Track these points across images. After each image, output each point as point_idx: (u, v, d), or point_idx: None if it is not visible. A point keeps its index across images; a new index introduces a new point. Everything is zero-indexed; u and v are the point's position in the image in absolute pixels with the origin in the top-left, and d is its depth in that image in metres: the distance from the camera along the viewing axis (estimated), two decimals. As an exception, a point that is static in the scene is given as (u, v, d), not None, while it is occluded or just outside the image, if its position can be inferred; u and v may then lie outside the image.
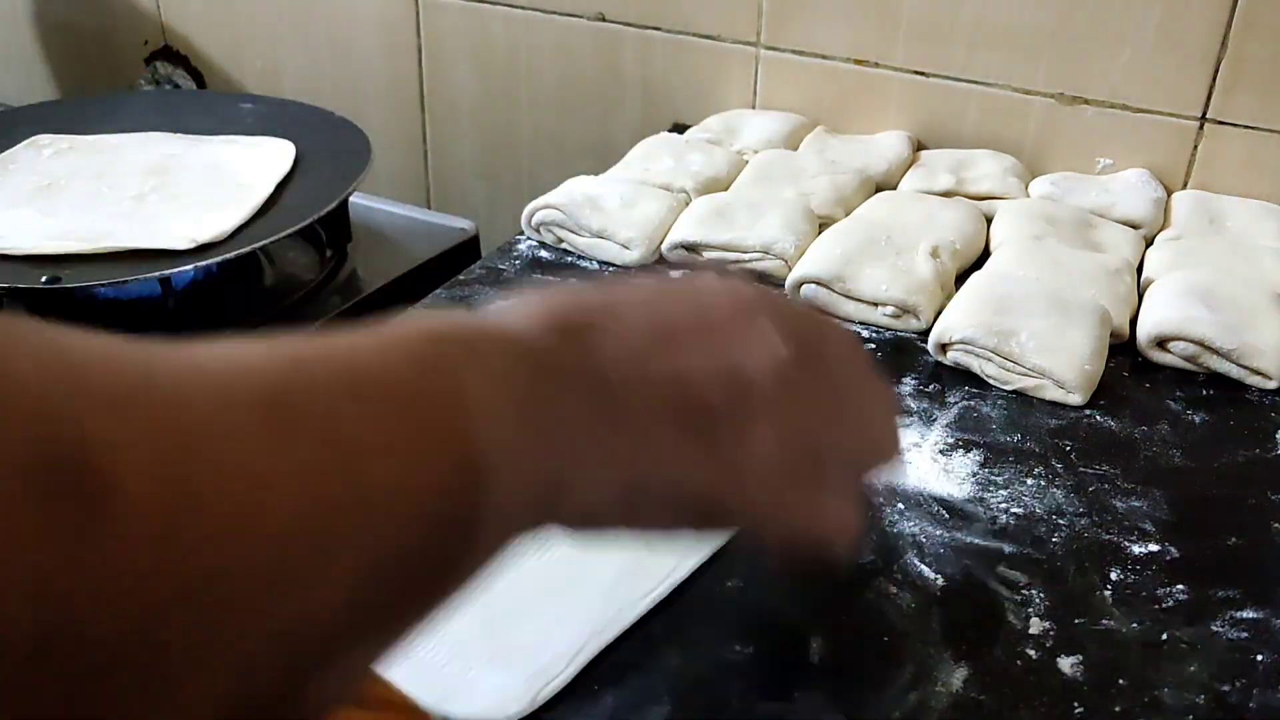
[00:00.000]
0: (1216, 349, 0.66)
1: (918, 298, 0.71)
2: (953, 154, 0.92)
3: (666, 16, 1.03)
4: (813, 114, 0.99)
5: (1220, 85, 0.84)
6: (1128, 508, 0.56)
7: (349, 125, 0.94)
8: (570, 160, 1.13)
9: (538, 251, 0.81)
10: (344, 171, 0.85)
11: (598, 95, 1.10)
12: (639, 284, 0.36)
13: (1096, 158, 0.91)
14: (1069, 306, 0.67)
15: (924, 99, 0.95)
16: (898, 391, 0.65)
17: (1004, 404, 0.64)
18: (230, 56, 1.32)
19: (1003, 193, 0.86)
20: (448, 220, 0.97)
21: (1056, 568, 0.52)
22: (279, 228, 0.77)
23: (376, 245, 0.92)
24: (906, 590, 0.50)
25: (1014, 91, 0.92)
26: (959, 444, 0.61)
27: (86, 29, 1.40)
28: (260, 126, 0.95)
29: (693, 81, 1.04)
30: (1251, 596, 0.50)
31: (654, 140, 0.94)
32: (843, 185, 0.85)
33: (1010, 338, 0.65)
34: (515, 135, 1.18)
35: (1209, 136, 0.86)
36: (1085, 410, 0.64)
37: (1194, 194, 0.86)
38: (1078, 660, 0.47)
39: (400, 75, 1.21)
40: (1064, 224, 0.80)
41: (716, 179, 0.87)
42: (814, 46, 0.98)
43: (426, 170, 1.26)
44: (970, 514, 0.55)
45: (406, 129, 1.24)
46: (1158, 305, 0.70)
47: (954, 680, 0.45)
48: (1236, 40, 0.82)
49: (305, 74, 1.27)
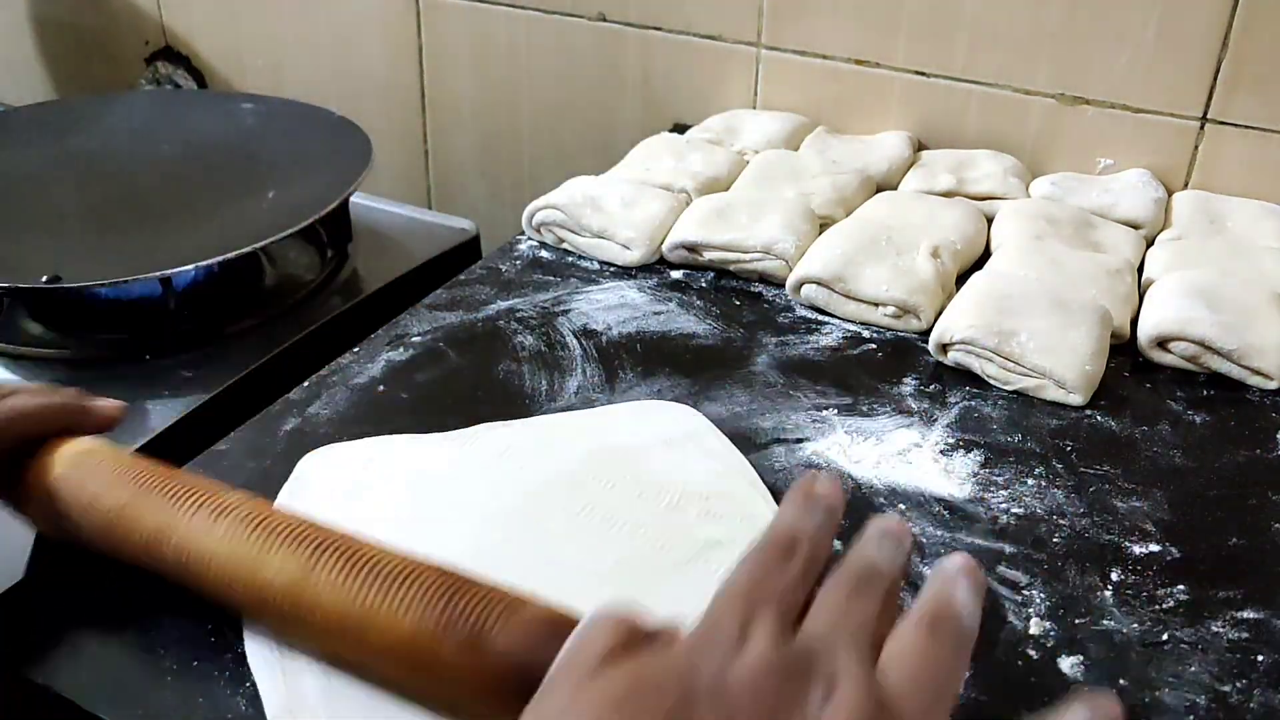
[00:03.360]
0: (1217, 349, 0.66)
1: (918, 298, 0.71)
2: (953, 154, 0.92)
3: (667, 16, 1.03)
4: (813, 114, 0.99)
5: (1221, 85, 0.84)
6: (1128, 508, 0.56)
7: (349, 125, 0.94)
8: (571, 160, 1.13)
9: (538, 251, 0.81)
10: (344, 171, 0.85)
11: (598, 95, 1.10)
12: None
13: (1097, 158, 0.91)
14: (1070, 307, 0.67)
15: (924, 99, 0.95)
16: (899, 392, 0.65)
17: (1005, 404, 0.64)
18: (231, 56, 1.32)
19: (1003, 193, 0.86)
20: (448, 220, 0.97)
21: (1057, 568, 0.52)
22: (279, 228, 0.77)
23: (377, 245, 0.92)
24: (907, 590, 0.50)
25: (1014, 91, 0.92)
26: (960, 444, 0.61)
27: (86, 29, 1.40)
28: (260, 126, 0.95)
29: (693, 81, 1.04)
30: (1252, 596, 0.50)
31: (654, 140, 0.94)
32: (843, 185, 0.85)
33: (1011, 338, 0.65)
34: (515, 135, 1.18)
35: (1210, 137, 0.86)
36: (1086, 410, 0.64)
37: (1195, 194, 0.86)
38: (1078, 660, 0.47)
39: (401, 75, 1.21)
40: (1065, 224, 0.80)
41: (717, 179, 0.87)
42: (815, 46, 0.98)
43: (427, 170, 1.26)
44: (971, 514, 0.55)
45: (407, 129, 1.24)
46: (1158, 305, 0.70)
47: (954, 680, 0.45)
48: (1237, 40, 0.82)
49: (306, 74, 1.27)
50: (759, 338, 0.71)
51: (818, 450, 0.60)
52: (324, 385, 0.64)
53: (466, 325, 0.71)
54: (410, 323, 0.71)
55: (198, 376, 0.73)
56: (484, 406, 0.63)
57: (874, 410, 0.63)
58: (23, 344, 0.76)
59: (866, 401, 0.64)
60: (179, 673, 0.45)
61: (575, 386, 0.65)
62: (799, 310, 0.74)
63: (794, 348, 0.70)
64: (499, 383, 0.65)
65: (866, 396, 0.65)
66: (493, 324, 0.71)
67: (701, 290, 0.76)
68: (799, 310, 0.74)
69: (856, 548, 0.35)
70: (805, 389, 0.65)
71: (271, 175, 0.88)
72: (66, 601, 0.49)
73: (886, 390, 0.65)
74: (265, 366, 0.74)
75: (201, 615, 0.47)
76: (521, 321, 0.72)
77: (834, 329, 0.72)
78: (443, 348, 0.69)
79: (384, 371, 0.66)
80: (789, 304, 0.75)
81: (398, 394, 0.64)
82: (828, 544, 0.35)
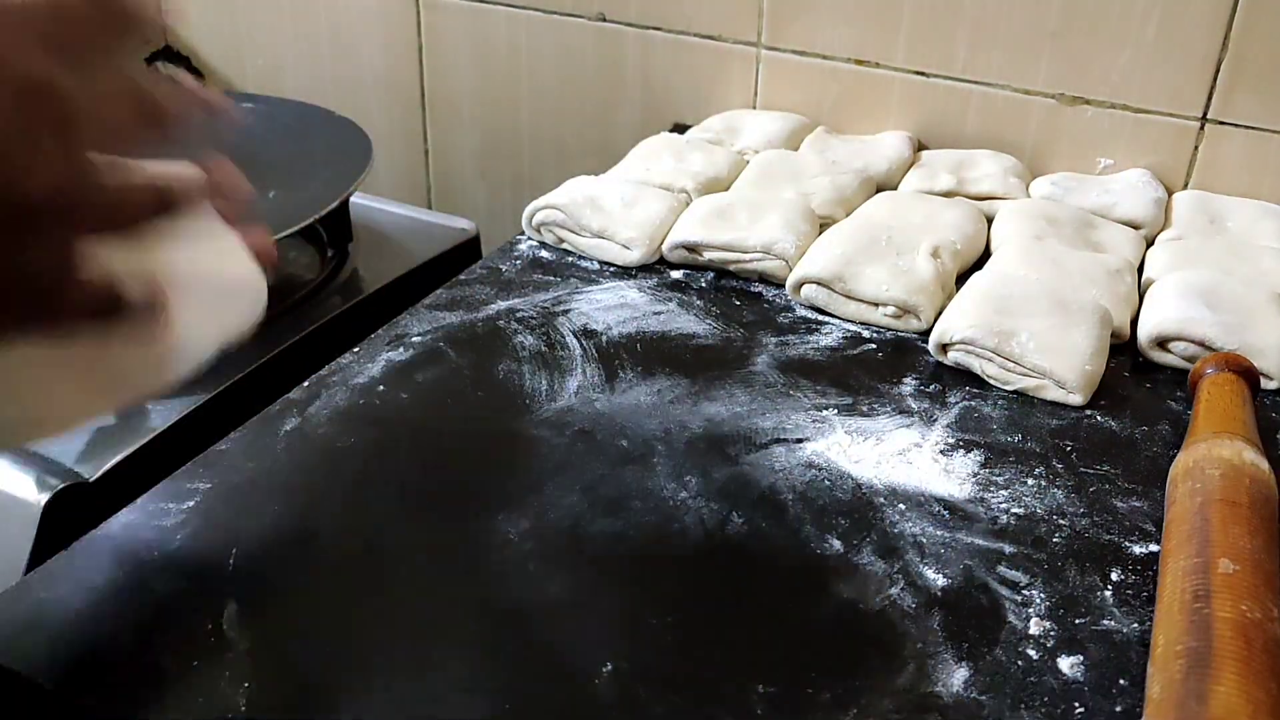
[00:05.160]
0: (1217, 349, 0.66)
1: (918, 298, 0.71)
2: (953, 154, 0.92)
3: (667, 16, 1.03)
4: (813, 114, 0.99)
5: (1221, 85, 0.84)
6: (1128, 508, 0.56)
7: (349, 125, 0.94)
8: (571, 160, 1.13)
9: (538, 251, 0.81)
10: (344, 171, 0.85)
11: (598, 95, 1.10)
12: None
13: (1097, 158, 0.91)
14: (1070, 307, 0.67)
15: (924, 99, 0.95)
16: (899, 392, 0.65)
17: (1005, 404, 0.64)
18: (231, 56, 1.32)
19: (1003, 193, 0.86)
20: (448, 220, 0.97)
21: (1057, 568, 0.52)
22: (279, 228, 0.77)
23: (377, 245, 0.92)
24: (907, 590, 0.50)
25: (1014, 91, 0.92)
26: (960, 444, 0.61)
27: (87, 29, 1.40)
28: (260, 126, 0.95)
29: (693, 81, 1.04)
30: (1252, 597, 0.50)
31: (654, 140, 0.94)
32: (843, 185, 0.85)
33: (1011, 338, 0.65)
34: (515, 135, 1.18)
35: (1210, 137, 0.87)
36: (1086, 410, 0.64)
37: (1195, 194, 0.86)
38: (1078, 660, 0.47)
39: (401, 75, 1.21)
40: (1065, 224, 0.80)
41: (717, 179, 0.87)
42: (815, 46, 0.98)
43: (427, 170, 1.26)
44: (971, 514, 0.55)
45: (407, 129, 1.24)
46: (1158, 305, 0.70)
47: (954, 680, 0.45)
48: (1237, 40, 0.82)
49: (306, 73, 1.27)
50: (759, 338, 0.71)
51: (818, 450, 0.60)
52: (324, 385, 0.64)
53: (466, 325, 0.71)
54: (410, 323, 0.71)
55: (198, 376, 0.73)
56: (484, 407, 0.63)
57: (874, 410, 0.63)
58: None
59: (866, 401, 0.64)
60: (179, 673, 0.45)
61: (575, 386, 0.65)
62: (799, 310, 0.74)
63: (794, 348, 0.70)
64: (499, 383, 0.65)
65: (866, 396, 0.65)
66: (493, 324, 0.71)
67: (701, 290, 0.76)
68: (799, 310, 0.74)
69: None
70: (805, 389, 0.65)
71: (271, 175, 0.88)
72: (66, 602, 0.49)
73: (886, 390, 0.65)
74: (265, 366, 0.74)
75: (201, 616, 0.47)
76: (521, 321, 0.72)
77: (834, 329, 0.72)
78: (443, 348, 0.69)
79: (384, 371, 0.66)
80: (789, 304, 0.75)
81: (398, 394, 0.64)
82: None
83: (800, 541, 0.53)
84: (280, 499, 0.55)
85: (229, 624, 0.47)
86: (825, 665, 0.46)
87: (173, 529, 0.53)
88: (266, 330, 0.78)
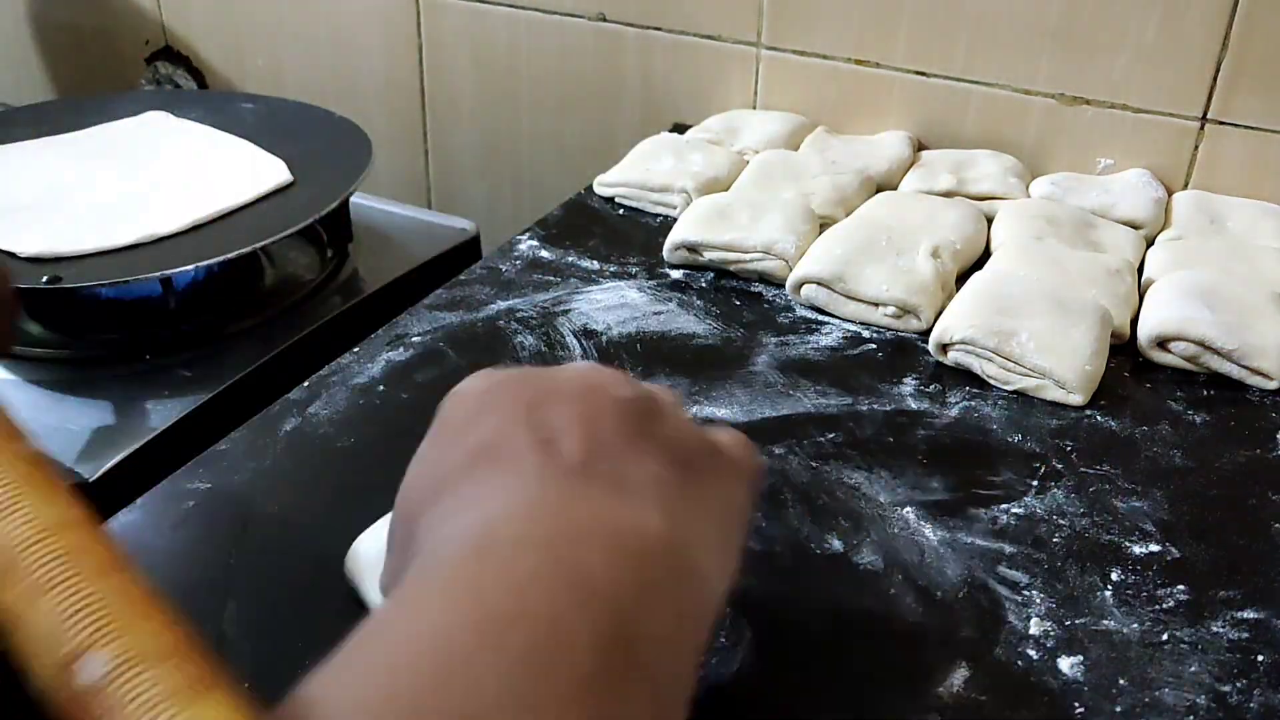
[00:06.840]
0: (1217, 349, 0.66)
1: (918, 298, 0.71)
2: (953, 154, 0.92)
3: (667, 16, 1.03)
4: (813, 114, 0.99)
5: (1221, 85, 0.84)
6: (1128, 508, 0.56)
7: (349, 125, 0.94)
8: (571, 160, 1.13)
9: (538, 251, 0.81)
10: (344, 171, 0.85)
11: (598, 95, 1.10)
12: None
13: (1097, 158, 0.91)
14: (1069, 307, 0.67)
15: (924, 99, 0.95)
16: (899, 392, 0.65)
17: (1005, 404, 0.64)
18: (231, 56, 1.32)
19: (1003, 193, 0.86)
20: (448, 220, 0.97)
21: (1057, 568, 0.52)
22: (279, 228, 0.77)
23: (377, 245, 0.92)
24: (907, 590, 0.50)
25: (1014, 91, 0.92)
26: (960, 444, 0.61)
27: (86, 29, 1.41)
28: (261, 126, 0.95)
29: (693, 81, 1.05)
30: (1252, 596, 0.50)
31: (654, 140, 0.94)
32: (843, 185, 0.85)
33: (1011, 338, 0.65)
34: (516, 135, 1.18)
35: (1210, 137, 0.87)
36: (1086, 410, 0.64)
37: (1195, 194, 0.86)
38: (1078, 660, 0.47)
39: (401, 75, 1.21)
40: (1064, 224, 0.80)
41: (717, 179, 0.87)
42: (815, 46, 0.98)
43: (427, 170, 1.26)
44: (971, 514, 0.55)
45: (407, 129, 1.24)
46: (1158, 305, 0.70)
47: (954, 680, 0.45)
48: (1237, 40, 0.82)
49: (306, 74, 1.27)
50: (759, 338, 0.71)
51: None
52: (324, 385, 0.64)
53: (466, 325, 0.71)
54: (410, 323, 0.71)
55: (198, 376, 0.73)
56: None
57: (874, 410, 0.63)
58: (23, 344, 0.76)
59: (866, 401, 0.64)
60: (179, 673, 0.45)
61: (575, 386, 0.65)
62: (799, 310, 0.74)
63: (794, 348, 0.70)
64: (499, 383, 0.65)
65: (866, 396, 0.65)
66: (493, 324, 0.71)
67: (701, 290, 0.76)
68: (799, 310, 0.74)
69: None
70: (805, 389, 0.65)
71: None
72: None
73: (886, 390, 0.65)
74: (265, 366, 0.74)
75: (201, 616, 0.47)
76: (521, 321, 0.72)
77: (834, 329, 0.72)
78: (443, 348, 0.69)
79: (384, 371, 0.66)
80: (789, 304, 0.75)
81: (398, 394, 0.64)
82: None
83: (800, 541, 0.53)
84: (280, 499, 0.55)
85: (229, 624, 0.47)
86: (825, 665, 0.46)
87: (173, 529, 0.53)
88: (267, 330, 0.79)
